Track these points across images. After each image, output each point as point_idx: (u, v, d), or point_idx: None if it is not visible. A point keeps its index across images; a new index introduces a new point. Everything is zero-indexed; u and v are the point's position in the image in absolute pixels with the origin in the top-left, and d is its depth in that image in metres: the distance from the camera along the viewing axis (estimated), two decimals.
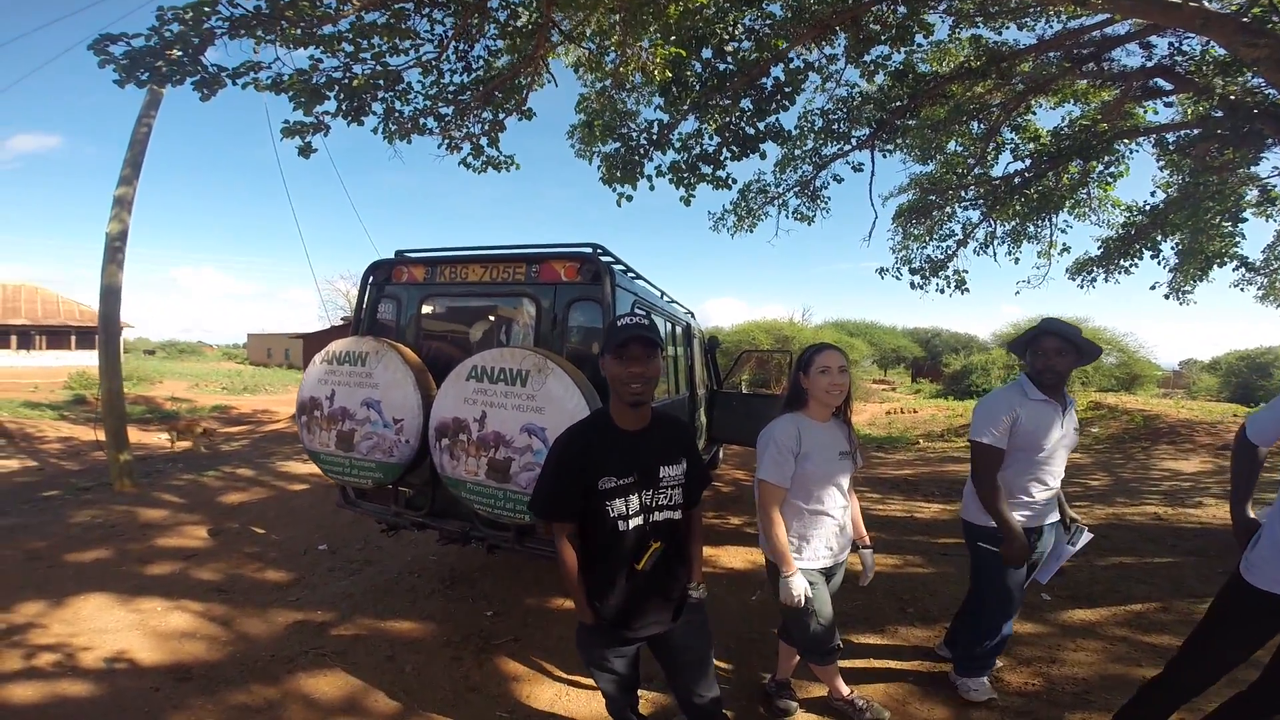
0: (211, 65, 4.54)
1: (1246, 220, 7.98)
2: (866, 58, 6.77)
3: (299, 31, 4.63)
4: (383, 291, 3.66)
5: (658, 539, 1.78)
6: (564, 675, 2.96)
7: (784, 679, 2.69)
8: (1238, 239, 8.18)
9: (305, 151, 5.39)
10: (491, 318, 3.58)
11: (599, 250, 3.18)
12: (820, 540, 2.28)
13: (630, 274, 3.70)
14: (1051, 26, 7.37)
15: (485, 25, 5.68)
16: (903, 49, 6.57)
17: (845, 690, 2.57)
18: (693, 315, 5.97)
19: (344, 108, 5.28)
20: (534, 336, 3.19)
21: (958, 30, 7.49)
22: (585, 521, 1.77)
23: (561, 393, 2.60)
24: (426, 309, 3.63)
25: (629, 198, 6.76)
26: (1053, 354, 2.38)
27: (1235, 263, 8.72)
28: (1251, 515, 2.05)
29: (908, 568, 4.43)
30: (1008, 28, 7.50)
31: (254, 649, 3.17)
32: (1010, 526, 2.40)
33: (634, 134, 6.95)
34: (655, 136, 6.75)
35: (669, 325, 4.61)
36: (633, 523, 1.74)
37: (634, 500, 1.74)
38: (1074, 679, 2.89)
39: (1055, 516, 2.59)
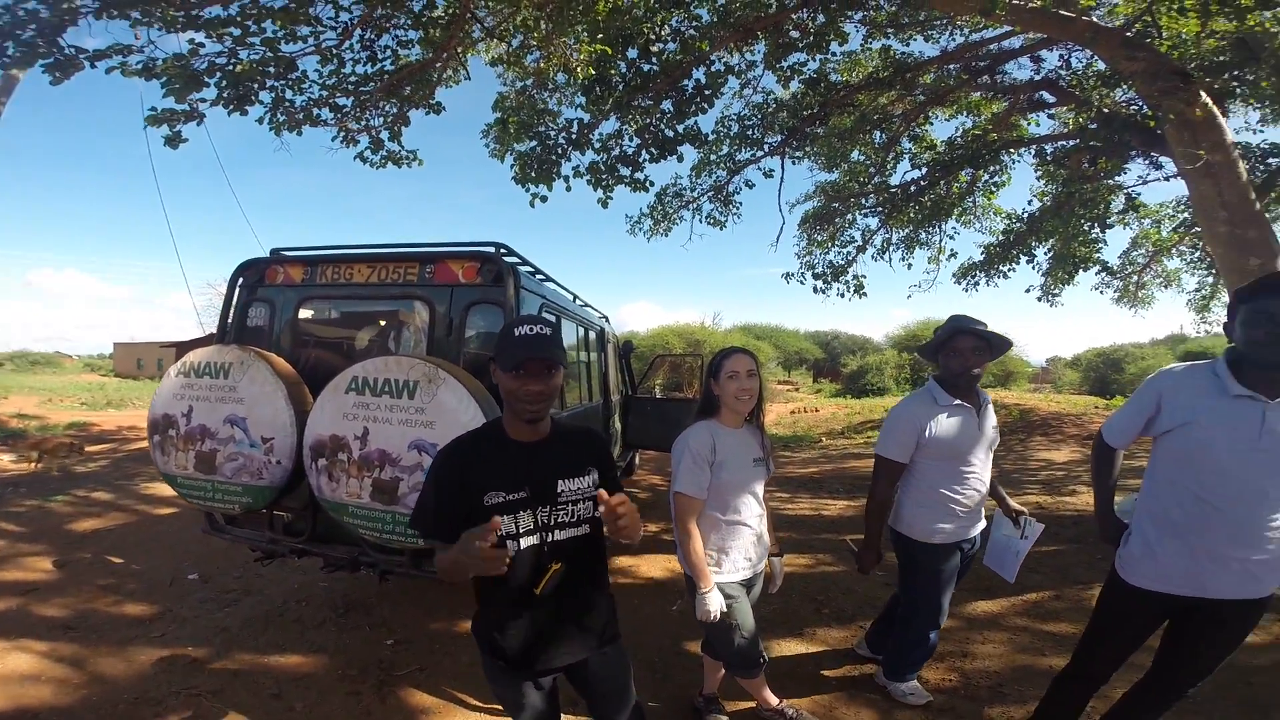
0: (69, 47, 4.01)
1: (1113, 226, 8.82)
2: (784, 63, 6.93)
3: (181, 15, 4.13)
4: (254, 294, 3.29)
5: (558, 559, 1.60)
6: (479, 704, 2.72)
7: (712, 693, 2.61)
8: (1101, 245, 9.03)
9: (174, 141, 4.85)
10: (382, 322, 3.27)
11: (502, 250, 2.96)
12: (739, 552, 2.21)
13: (539, 276, 3.50)
14: (955, 40, 7.84)
15: (397, 14, 5.29)
16: (818, 56, 6.75)
17: (774, 700, 2.52)
18: (607, 319, 5.83)
19: (225, 95, 4.76)
20: (427, 343, 2.93)
21: (869, 41, 7.80)
22: None
23: (455, 405, 2.36)
24: (305, 314, 3.28)
25: (543, 198, 6.54)
26: (969, 353, 2.31)
27: (1098, 267, 9.65)
28: (1118, 512, 2.11)
29: (819, 567, 4.49)
30: (915, 39, 7.88)
31: (114, 691, 2.78)
32: (873, 540, 2.48)
33: (552, 133, 6.74)
34: (575, 136, 6.57)
35: (582, 330, 4.43)
36: (524, 542, 1.55)
37: (525, 517, 1.55)
38: (987, 672, 2.97)
39: (983, 524, 2.58)
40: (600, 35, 5.51)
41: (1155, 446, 1.95)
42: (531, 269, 3.35)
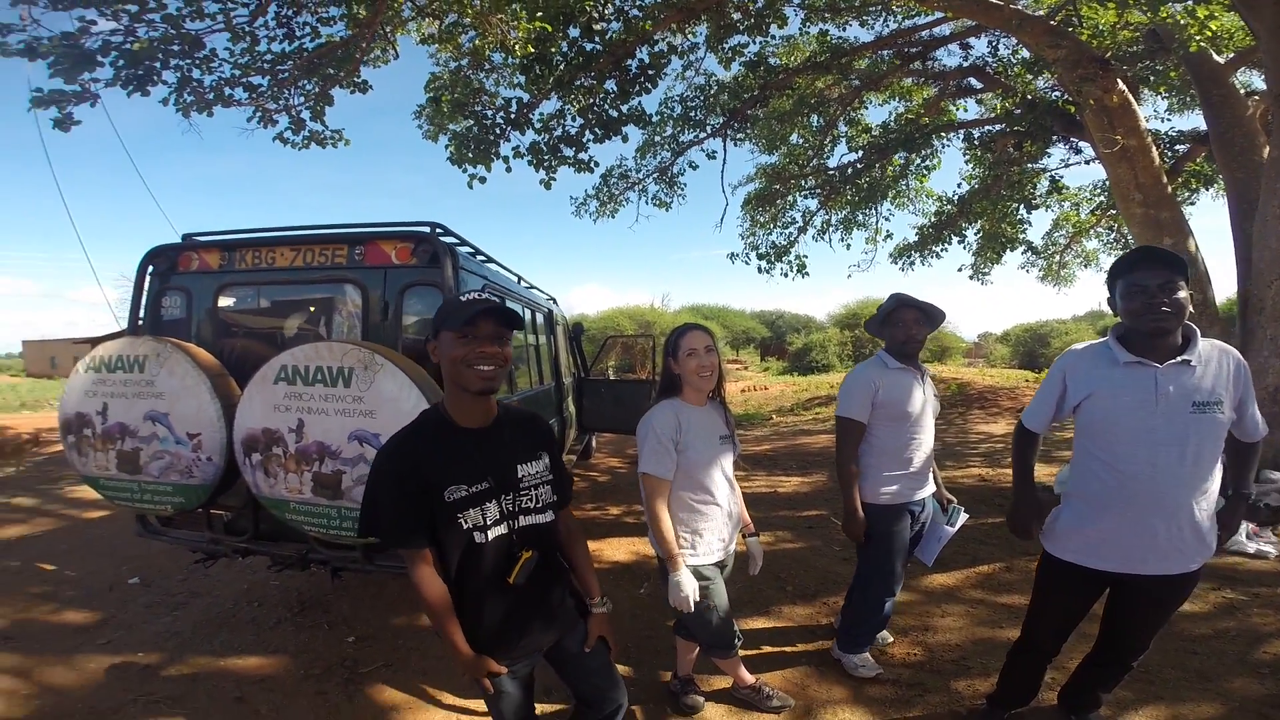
0: None
1: (1039, 208, 9.24)
2: (725, 45, 6.95)
3: None
4: (167, 283, 3.11)
5: (528, 547, 1.55)
6: (453, 701, 2.65)
7: (687, 675, 2.60)
8: (1026, 225, 9.50)
9: (64, 124, 4.51)
10: (312, 309, 3.14)
11: (438, 229, 2.87)
12: (713, 533, 2.18)
13: (480, 257, 3.42)
14: (888, 25, 8.01)
15: None
16: (758, 39, 6.81)
17: (750, 679, 2.52)
18: (555, 301, 5.77)
19: (124, 75, 4.46)
20: (362, 328, 2.83)
21: (807, 25, 7.90)
22: (437, 538, 1.49)
23: (396, 392, 2.27)
24: (225, 301, 3.13)
25: (482, 179, 6.37)
26: (912, 324, 2.51)
27: (1024, 247, 10.16)
28: (1041, 489, 2.19)
29: (780, 544, 4.53)
30: (850, 24, 8.05)
31: (67, 701, 2.64)
32: (853, 506, 2.51)
33: (489, 112, 6.55)
34: (514, 115, 6.40)
35: (529, 312, 4.37)
36: (493, 533, 1.50)
37: (492, 508, 1.49)
38: (949, 645, 3.00)
39: (931, 487, 2.70)
40: (540, 13, 5.38)
41: (1075, 424, 2.00)
42: (471, 249, 3.27)
